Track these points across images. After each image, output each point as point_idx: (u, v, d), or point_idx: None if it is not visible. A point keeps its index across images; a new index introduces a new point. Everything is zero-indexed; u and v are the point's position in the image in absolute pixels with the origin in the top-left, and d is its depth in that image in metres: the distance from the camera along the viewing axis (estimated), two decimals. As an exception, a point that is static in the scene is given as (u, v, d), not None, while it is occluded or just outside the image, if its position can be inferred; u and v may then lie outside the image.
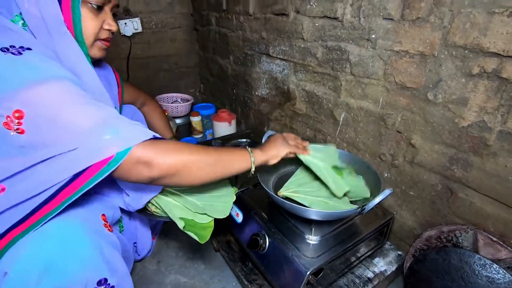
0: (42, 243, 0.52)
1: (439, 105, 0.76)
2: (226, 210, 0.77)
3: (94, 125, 0.53)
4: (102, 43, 0.69)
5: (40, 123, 0.51)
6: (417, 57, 0.78)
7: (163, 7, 1.88)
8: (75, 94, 0.55)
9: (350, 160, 0.91)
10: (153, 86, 2.01)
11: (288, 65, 1.24)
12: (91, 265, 0.56)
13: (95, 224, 0.62)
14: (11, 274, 0.50)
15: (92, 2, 0.62)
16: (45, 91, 0.51)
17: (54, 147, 0.53)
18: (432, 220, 0.86)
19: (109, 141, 0.52)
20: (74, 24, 0.61)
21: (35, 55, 0.53)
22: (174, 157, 0.57)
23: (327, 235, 0.78)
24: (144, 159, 0.54)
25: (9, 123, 0.50)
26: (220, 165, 0.64)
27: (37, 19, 0.57)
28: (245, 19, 1.45)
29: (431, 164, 0.82)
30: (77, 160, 0.52)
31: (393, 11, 0.80)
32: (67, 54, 0.60)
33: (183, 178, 0.60)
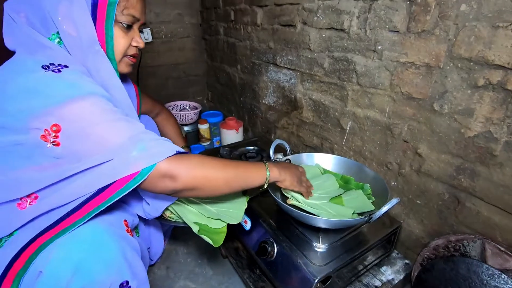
0: (73, 246, 0.56)
1: (445, 115, 0.78)
2: (239, 216, 0.79)
3: (123, 141, 0.57)
4: (129, 59, 0.73)
5: (74, 136, 0.55)
6: (423, 69, 0.79)
7: (173, 18, 1.94)
8: (108, 110, 0.59)
9: (356, 169, 0.93)
10: (162, 94, 2.06)
11: (295, 74, 1.27)
12: (115, 268, 0.59)
13: (119, 229, 0.65)
14: (45, 273, 0.53)
15: (123, 21, 0.66)
16: (81, 107, 0.55)
17: (86, 161, 0.56)
18: (440, 229, 0.86)
19: (136, 158, 0.56)
20: (107, 42, 0.65)
21: (72, 72, 0.57)
22: (197, 172, 0.62)
23: (335, 243, 0.79)
24: (169, 173, 0.58)
25: (47, 136, 0.54)
26: (238, 180, 0.67)
27: (73, 38, 0.61)
28: (253, 30, 1.49)
29: (438, 174, 0.83)
30: (105, 174, 0.56)
31: (398, 24, 0.82)
32: (99, 71, 0.64)
33: (204, 191, 0.64)
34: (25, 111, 0.53)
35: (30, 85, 0.53)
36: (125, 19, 0.66)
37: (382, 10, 0.85)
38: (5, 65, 0.58)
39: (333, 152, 1.16)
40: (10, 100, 0.53)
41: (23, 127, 0.53)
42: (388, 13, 0.83)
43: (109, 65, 0.65)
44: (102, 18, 0.62)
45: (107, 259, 0.58)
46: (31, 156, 0.56)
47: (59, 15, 0.59)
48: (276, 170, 0.73)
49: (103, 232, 0.59)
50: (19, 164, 0.57)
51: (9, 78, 0.55)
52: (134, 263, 0.63)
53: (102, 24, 0.62)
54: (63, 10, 0.58)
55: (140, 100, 0.97)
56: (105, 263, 0.57)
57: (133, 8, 0.66)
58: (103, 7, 0.61)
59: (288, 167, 0.78)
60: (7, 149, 0.56)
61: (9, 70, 0.57)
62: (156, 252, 0.97)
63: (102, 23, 0.62)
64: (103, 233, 0.59)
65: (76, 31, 0.60)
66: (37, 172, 0.57)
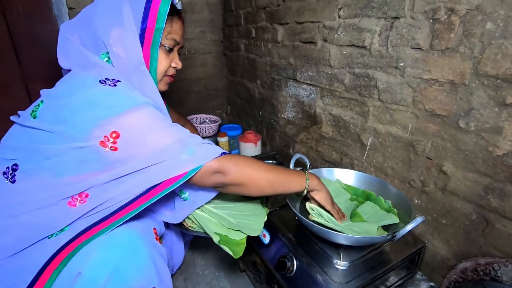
0: (111, 250, 0.59)
1: (471, 133, 0.76)
2: (259, 228, 0.80)
3: (174, 143, 0.64)
4: (168, 78, 0.80)
5: (132, 141, 0.62)
6: (447, 86, 0.79)
7: (196, 35, 2.03)
8: (160, 118, 0.66)
9: (378, 185, 0.91)
10: (184, 107, 2.13)
11: (315, 90, 1.28)
12: (146, 274, 0.61)
13: (150, 236, 0.68)
14: (84, 274, 0.56)
15: (166, 45, 0.73)
16: (138, 116, 0.62)
17: (141, 162, 0.62)
18: (467, 251, 0.83)
19: (185, 160, 0.64)
20: (151, 63, 0.71)
21: (125, 86, 0.64)
22: (244, 169, 0.69)
23: (356, 260, 0.77)
24: (220, 169, 0.66)
25: (105, 141, 0.60)
26: (280, 183, 0.73)
27: (122, 59, 0.67)
28: (273, 46, 1.53)
29: (465, 193, 0.81)
30: (156, 175, 0.63)
31: (421, 41, 0.82)
32: (143, 88, 0.70)
33: (248, 188, 0.70)
34: (88, 121, 0.59)
35: (91, 98, 0.60)
36: (168, 43, 0.73)
37: (404, 28, 0.86)
38: (65, 81, 0.65)
39: (353, 168, 1.15)
40: (74, 112, 0.60)
41: (85, 135, 0.59)
42: (411, 31, 0.84)
43: (152, 84, 0.71)
44: (149, 42, 0.69)
45: (140, 265, 0.60)
46: (87, 161, 0.61)
47: (111, 39, 0.66)
48: (315, 179, 0.78)
49: (137, 239, 0.62)
50: (74, 169, 0.61)
51: (72, 93, 0.62)
52: (162, 270, 0.66)
53: (148, 47, 0.69)
54: (115, 34, 0.66)
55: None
56: (138, 269, 0.59)
57: (175, 33, 0.74)
58: (150, 32, 0.68)
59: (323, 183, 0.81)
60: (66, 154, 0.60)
61: (70, 85, 0.64)
62: (177, 261, 0.99)
63: (149, 46, 0.69)
64: (137, 240, 0.62)
65: (125, 53, 0.66)
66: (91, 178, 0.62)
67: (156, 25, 0.68)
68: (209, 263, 1.10)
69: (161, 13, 0.67)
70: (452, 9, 0.74)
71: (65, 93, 0.63)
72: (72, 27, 0.68)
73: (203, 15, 2.01)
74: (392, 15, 0.88)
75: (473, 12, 0.70)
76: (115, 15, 0.66)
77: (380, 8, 0.92)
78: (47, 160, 0.61)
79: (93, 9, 0.68)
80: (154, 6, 0.67)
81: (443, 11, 0.75)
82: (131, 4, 0.66)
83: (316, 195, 0.79)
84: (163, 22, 0.68)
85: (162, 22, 0.68)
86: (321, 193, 0.78)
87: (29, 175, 0.62)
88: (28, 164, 0.62)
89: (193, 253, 1.13)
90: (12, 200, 0.62)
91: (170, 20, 0.72)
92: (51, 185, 0.61)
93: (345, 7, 1.04)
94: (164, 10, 0.68)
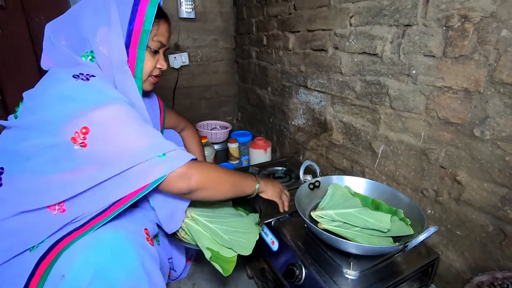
0: (94, 252, 0.58)
1: (487, 142, 0.74)
2: (250, 247, 0.79)
3: (145, 146, 0.63)
4: (153, 78, 0.82)
5: (99, 137, 0.60)
6: (461, 93, 0.77)
7: (208, 43, 2.07)
8: (131, 116, 0.65)
9: (389, 194, 0.89)
10: (195, 113, 2.16)
11: (325, 97, 1.28)
12: (134, 276, 0.59)
13: (139, 238, 0.66)
14: (67, 277, 0.55)
15: (152, 47, 0.75)
16: (108, 111, 0.61)
17: (112, 167, 0.61)
18: (483, 264, 0.80)
19: (158, 163, 0.63)
20: (137, 64, 0.73)
21: (99, 81, 0.65)
22: (209, 174, 0.71)
23: (366, 270, 0.76)
24: (186, 174, 0.66)
25: (76, 138, 0.59)
26: (238, 186, 0.79)
27: (105, 58, 0.69)
28: (284, 54, 1.54)
29: (480, 203, 0.78)
30: (131, 181, 0.62)
31: (434, 49, 0.81)
32: (124, 87, 0.71)
33: (214, 191, 0.73)
34: (60, 116, 0.59)
35: (63, 92, 0.61)
36: (154, 45, 0.75)
37: (416, 36, 0.85)
38: (42, 80, 0.67)
39: (364, 176, 1.14)
40: (46, 108, 0.60)
41: (57, 130, 0.59)
42: (423, 38, 0.84)
43: (133, 83, 0.73)
44: (135, 43, 0.71)
45: (127, 266, 0.58)
46: (60, 159, 0.60)
47: (97, 37, 0.67)
48: (262, 182, 0.87)
49: (124, 240, 0.61)
50: (49, 169, 0.61)
51: (46, 88, 0.63)
52: (152, 273, 0.64)
53: (135, 48, 0.71)
54: (101, 33, 0.67)
55: (164, 115, 1.04)
56: (125, 271, 0.58)
57: (162, 35, 0.76)
58: (137, 34, 0.70)
59: (271, 182, 0.91)
60: (43, 153, 0.60)
61: (45, 82, 0.65)
62: (179, 262, 0.98)
63: (135, 47, 0.71)
64: (124, 241, 0.61)
65: (110, 52, 0.68)
66: (68, 177, 0.61)
67: (143, 27, 0.70)
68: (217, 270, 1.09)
69: (148, 16, 0.69)
70: (465, 16, 0.73)
71: (40, 90, 0.64)
72: (58, 27, 0.69)
73: (216, 23, 2.05)
74: (404, 22, 0.88)
75: (487, 19, 0.69)
76: (102, 14, 0.67)
77: (392, 16, 0.92)
78: (27, 161, 0.61)
79: (81, 8, 0.69)
80: (141, 8, 0.69)
81: (457, 19, 0.75)
82: (119, 5, 0.68)
83: (264, 195, 0.88)
84: (150, 25, 0.70)
85: (149, 24, 0.70)
86: (268, 192, 0.88)
87: (13, 177, 0.63)
88: (12, 167, 0.63)
89: (202, 259, 1.13)
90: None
91: (156, 22, 0.73)
92: (34, 187, 0.62)
93: (356, 15, 1.05)
94: (151, 13, 0.69)
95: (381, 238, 0.77)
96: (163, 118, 1.03)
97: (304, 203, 0.89)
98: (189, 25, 1.97)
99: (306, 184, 0.92)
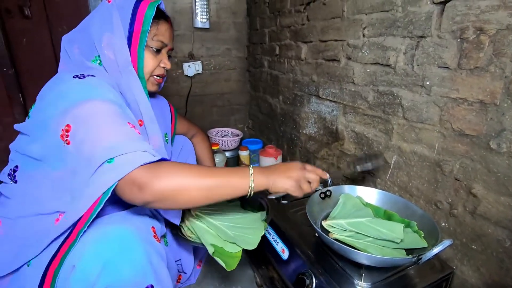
0: (103, 245, 0.58)
1: (503, 154, 0.73)
2: (255, 242, 0.79)
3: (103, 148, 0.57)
4: (155, 78, 0.84)
5: (77, 135, 0.60)
6: (476, 105, 0.77)
7: (221, 52, 2.11)
8: (109, 114, 0.62)
9: (402, 205, 0.88)
10: (206, 120, 2.19)
11: (337, 106, 1.29)
12: (141, 271, 0.59)
13: (147, 234, 0.66)
14: (77, 268, 0.56)
15: (153, 46, 0.79)
16: (87, 108, 0.61)
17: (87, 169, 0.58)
18: (501, 281, 0.77)
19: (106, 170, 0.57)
20: (138, 63, 0.77)
21: (95, 80, 0.67)
22: (167, 181, 0.58)
23: (378, 283, 0.74)
24: (138, 182, 0.56)
25: (63, 135, 0.61)
26: (217, 190, 0.62)
27: (111, 60, 0.73)
28: (296, 63, 1.56)
29: (497, 217, 0.76)
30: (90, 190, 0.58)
31: (449, 61, 0.81)
32: (130, 87, 0.75)
33: (177, 203, 0.60)
34: (53, 113, 0.62)
35: (61, 91, 0.64)
36: (155, 44, 0.79)
37: (430, 47, 0.86)
38: (49, 81, 0.71)
39: (376, 187, 1.13)
40: (47, 107, 0.64)
41: (51, 128, 0.62)
42: (437, 49, 0.84)
43: (138, 83, 0.76)
44: (136, 43, 0.74)
45: (133, 260, 0.59)
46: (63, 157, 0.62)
47: (103, 42, 0.72)
48: (261, 176, 0.65)
49: (131, 235, 0.61)
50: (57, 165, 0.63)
51: (50, 89, 0.67)
52: (159, 269, 0.63)
53: (135, 48, 0.75)
54: (106, 39, 0.72)
55: (175, 121, 1.07)
56: (131, 264, 0.58)
57: (162, 35, 0.79)
58: (137, 35, 0.74)
59: (280, 168, 0.69)
60: (46, 150, 0.63)
61: (51, 83, 0.70)
62: (188, 264, 0.98)
63: (136, 47, 0.75)
64: (131, 236, 0.61)
65: (114, 55, 0.73)
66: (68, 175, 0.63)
67: (142, 28, 0.73)
68: (226, 275, 1.09)
69: (146, 17, 0.73)
70: (481, 29, 0.73)
71: (46, 90, 0.68)
72: (72, 37, 0.76)
73: (230, 33, 2.10)
74: (418, 34, 0.88)
75: (503, 31, 0.69)
76: (106, 21, 0.72)
77: (405, 27, 0.92)
78: (38, 159, 0.65)
79: (90, 18, 0.75)
80: (140, 11, 0.73)
81: (472, 31, 0.75)
82: (120, 10, 0.73)
83: (272, 190, 0.67)
84: (148, 25, 0.74)
85: (148, 24, 0.74)
86: (278, 183, 0.66)
87: (27, 174, 0.67)
88: (25, 165, 0.68)
89: (211, 265, 1.14)
90: (14, 201, 0.68)
91: (156, 23, 0.77)
92: (45, 183, 0.65)
93: (369, 26, 1.06)
94: (150, 14, 0.74)
95: (394, 250, 0.76)
96: (174, 123, 1.06)
97: (315, 212, 0.89)
98: (204, 34, 2.02)
99: (317, 193, 0.92)
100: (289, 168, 0.70)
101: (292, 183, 0.67)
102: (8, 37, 1.64)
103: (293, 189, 0.68)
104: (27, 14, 1.64)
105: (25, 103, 1.76)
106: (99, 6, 0.76)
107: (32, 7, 1.64)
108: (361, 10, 1.09)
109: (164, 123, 0.99)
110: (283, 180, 0.67)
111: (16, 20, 1.63)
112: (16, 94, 1.71)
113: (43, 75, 1.79)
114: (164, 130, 0.97)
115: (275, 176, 0.67)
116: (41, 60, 1.74)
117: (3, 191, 0.70)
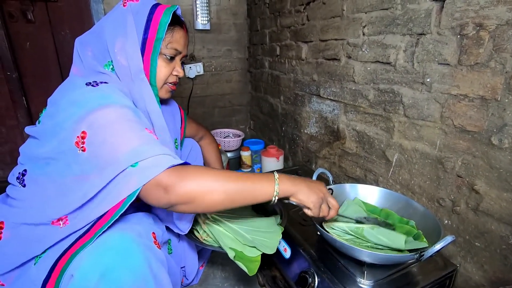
0: (101, 253, 0.57)
1: (505, 150, 0.73)
2: (274, 246, 0.78)
3: (125, 153, 0.58)
4: (169, 86, 0.82)
5: (94, 141, 0.60)
6: (477, 101, 0.76)
7: (222, 53, 2.12)
8: (125, 119, 0.62)
9: (404, 203, 0.88)
10: (208, 121, 2.20)
11: (338, 105, 1.29)
12: (141, 277, 0.58)
13: (146, 240, 0.65)
14: (75, 276, 0.55)
15: (167, 54, 0.77)
16: (103, 114, 0.61)
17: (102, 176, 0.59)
18: (505, 277, 0.77)
19: (130, 174, 0.58)
20: (151, 71, 0.75)
21: (108, 87, 0.66)
22: (193, 184, 0.59)
23: (381, 280, 0.74)
24: (164, 184, 0.57)
25: (78, 142, 0.60)
26: (242, 194, 0.63)
27: (124, 67, 0.72)
28: (297, 63, 1.57)
29: (500, 214, 0.76)
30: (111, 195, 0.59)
31: (449, 57, 0.81)
32: (142, 95, 0.74)
33: (202, 206, 0.61)
34: (66, 120, 0.61)
35: (73, 98, 0.63)
36: (168, 52, 0.76)
37: (430, 44, 0.86)
38: (60, 86, 0.70)
39: (377, 185, 1.12)
40: (59, 113, 0.63)
41: (64, 135, 0.61)
42: (437, 46, 0.84)
43: (150, 91, 0.75)
44: (149, 51, 0.73)
45: (133, 267, 0.57)
46: (71, 164, 0.61)
47: (115, 48, 0.71)
48: (287, 182, 0.66)
49: (130, 241, 0.59)
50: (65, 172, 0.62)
51: (63, 95, 0.66)
52: (160, 276, 0.62)
53: (148, 55, 0.73)
54: (119, 44, 0.71)
55: (185, 124, 1.06)
56: (131, 271, 0.57)
57: (176, 42, 0.77)
58: (151, 42, 0.72)
59: (307, 181, 0.69)
60: (55, 156, 0.63)
61: (62, 88, 0.69)
62: (191, 271, 0.98)
63: (149, 55, 0.73)
64: (130, 242, 0.59)
65: (127, 61, 0.71)
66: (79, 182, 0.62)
67: (157, 35, 0.72)
68: (229, 275, 1.09)
69: (161, 24, 0.71)
70: (480, 25, 0.73)
71: (58, 96, 0.67)
72: (85, 40, 0.74)
73: (230, 34, 2.11)
74: (418, 31, 0.88)
75: (503, 27, 0.69)
76: (120, 26, 0.70)
77: (405, 25, 0.92)
78: (47, 165, 0.64)
79: (104, 22, 0.73)
80: (155, 17, 0.71)
81: (471, 27, 0.75)
82: (135, 15, 0.71)
83: (294, 198, 0.67)
84: (163, 33, 0.72)
85: (162, 32, 0.72)
86: (300, 194, 0.66)
87: (35, 178, 0.66)
88: (34, 170, 0.66)
89: (213, 265, 1.14)
90: (21, 204, 0.67)
91: (171, 30, 0.75)
92: (50, 188, 0.64)
93: (369, 24, 1.06)
94: (165, 22, 0.72)
95: (397, 237, 0.75)
96: (184, 127, 1.06)
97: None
98: (204, 36, 2.03)
99: (318, 192, 0.92)
100: (316, 184, 0.70)
101: (315, 199, 0.67)
102: (12, 41, 1.66)
103: (313, 205, 0.67)
104: (30, 18, 1.66)
105: (28, 106, 1.77)
106: (114, 9, 0.74)
107: (35, 12, 1.66)
108: (360, 8, 1.09)
109: (174, 129, 0.98)
110: (309, 193, 0.67)
111: (19, 24, 1.65)
112: (19, 97, 1.73)
113: (46, 79, 1.82)
114: (174, 135, 0.96)
115: (302, 186, 0.67)
116: (44, 63, 1.76)
117: (11, 194, 0.70)
